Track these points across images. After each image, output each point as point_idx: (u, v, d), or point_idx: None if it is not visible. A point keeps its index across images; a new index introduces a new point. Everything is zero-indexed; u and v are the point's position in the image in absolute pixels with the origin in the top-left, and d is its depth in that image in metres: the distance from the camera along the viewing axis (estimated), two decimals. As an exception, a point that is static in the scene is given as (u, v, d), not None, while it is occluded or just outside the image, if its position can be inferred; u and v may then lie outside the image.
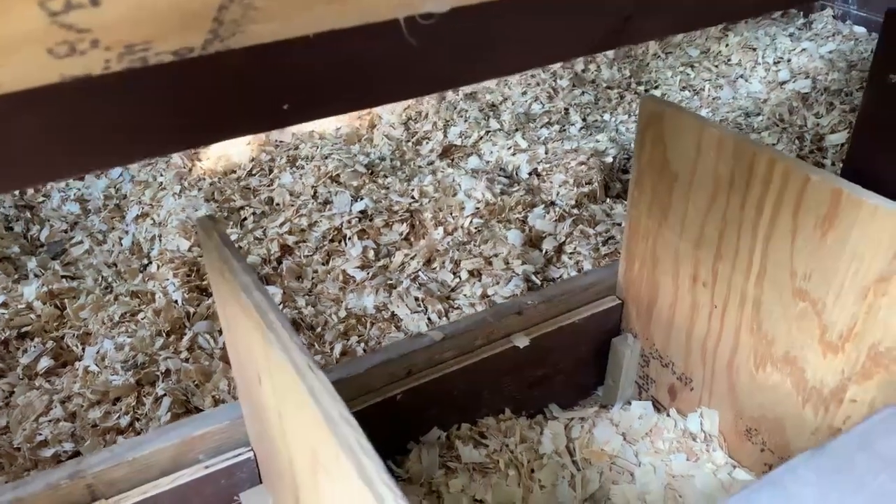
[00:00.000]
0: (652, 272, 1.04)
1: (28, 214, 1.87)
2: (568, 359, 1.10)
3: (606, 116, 2.15)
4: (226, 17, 0.40)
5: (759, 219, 0.85)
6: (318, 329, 1.45)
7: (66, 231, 1.83)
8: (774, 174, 0.82)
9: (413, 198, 1.74)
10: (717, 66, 2.36)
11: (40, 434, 1.28)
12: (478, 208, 1.67)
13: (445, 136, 2.04)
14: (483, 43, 0.61)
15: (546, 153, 1.90)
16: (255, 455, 0.88)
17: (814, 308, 0.82)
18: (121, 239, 1.76)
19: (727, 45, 2.43)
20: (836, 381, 0.83)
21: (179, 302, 1.46)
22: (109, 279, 1.62)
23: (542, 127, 2.08)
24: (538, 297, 1.05)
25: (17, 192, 1.93)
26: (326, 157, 1.88)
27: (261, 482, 0.90)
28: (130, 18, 0.37)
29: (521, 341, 1.02)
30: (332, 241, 1.65)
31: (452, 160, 1.96)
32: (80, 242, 1.77)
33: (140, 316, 1.46)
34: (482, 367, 1.01)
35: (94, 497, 0.82)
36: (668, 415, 1.05)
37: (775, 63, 2.29)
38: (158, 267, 1.56)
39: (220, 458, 0.87)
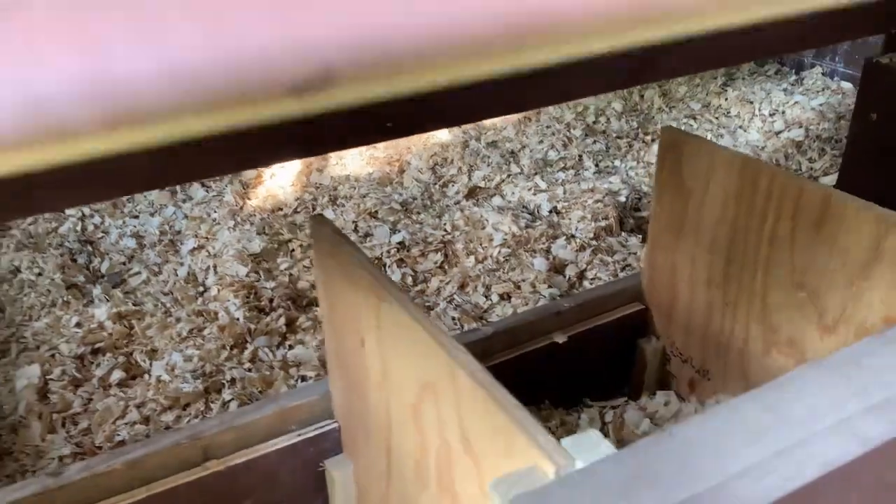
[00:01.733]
0: (671, 278, 1.20)
1: (90, 248, 2.04)
2: (599, 358, 1.25)
3: (617, 162, 2.35)
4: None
5: (763, 225, 1.02)
6: (366, 344, 1.60)
7: (123, 263, 1.99)
8: (774, 187, 0.99)
9: (446, 230, 1.91)
10: (717, 118, 2.57)
11: (118, 435, 1.42)
12: (505, 239, 1.84)
13: (470, 178, 2.23)
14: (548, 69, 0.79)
15: (564, 193, 2.08)
16: (339, 427, 1.02)
17: (811, 297, 0.99)
18: (176, 270, 1.92)
19: (726, 99, 2.65)
20: (832, 359, 0.98)
21: (241, 320, 1.62)
22: (168, 305, 1.78)
23: (559, 171, 2.27)
24: (572, 301, 1.21)
25: (78, 228, 2.10)
26: (364, 196, 2.07)
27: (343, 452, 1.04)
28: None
29: (560, 337, 1.18)
30: (373, 269, 1.81)
31: (477, 200, 2.14)
32: (138, 273, 1.93)
33: (205, 332, 1.61)
34: (527, 359, 1.16)
35: (206, 457, 0.96)
36: (690, 401, 1.20)
37: (771, 114, 2.50)
38: (219, 290, 1.72)
39: (310, 427, 1.01)
